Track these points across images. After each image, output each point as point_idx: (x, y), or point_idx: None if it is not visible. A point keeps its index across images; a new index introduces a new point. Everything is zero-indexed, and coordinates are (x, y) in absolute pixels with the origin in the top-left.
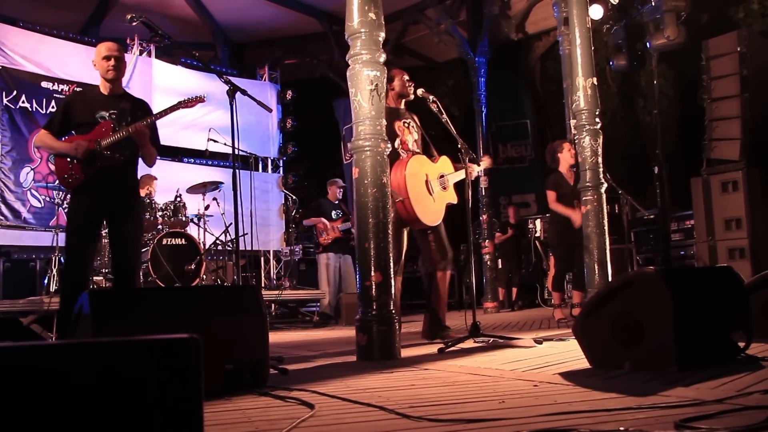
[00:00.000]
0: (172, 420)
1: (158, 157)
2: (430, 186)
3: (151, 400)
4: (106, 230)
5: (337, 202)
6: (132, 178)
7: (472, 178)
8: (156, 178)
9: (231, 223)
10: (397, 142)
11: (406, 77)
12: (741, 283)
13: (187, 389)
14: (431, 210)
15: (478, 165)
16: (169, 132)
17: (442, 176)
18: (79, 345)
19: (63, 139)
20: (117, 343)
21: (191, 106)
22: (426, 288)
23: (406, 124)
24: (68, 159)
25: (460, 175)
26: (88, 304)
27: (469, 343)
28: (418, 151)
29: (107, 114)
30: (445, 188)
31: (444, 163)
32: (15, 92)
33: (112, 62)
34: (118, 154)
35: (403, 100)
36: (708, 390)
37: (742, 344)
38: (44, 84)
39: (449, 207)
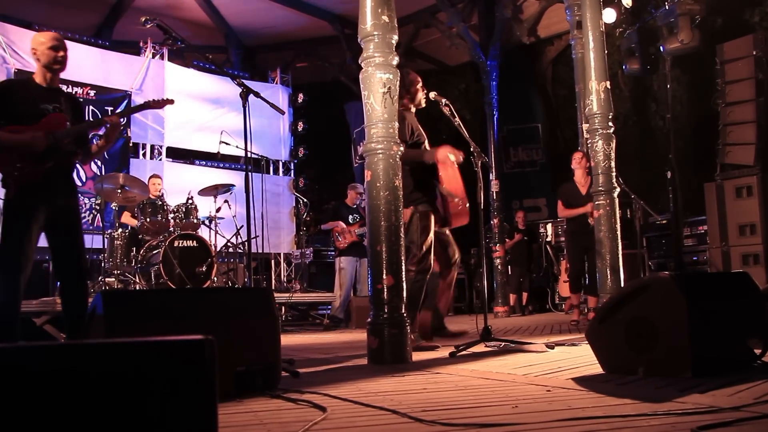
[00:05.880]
0: (187, 421)
1: (172, 159)
2: None
3: (166, 401)
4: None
5: (355, 206)
6: (73, 178)
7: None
8: (161, 177)
9: (242, 226)
10: (426, 144)
11: (422, 87)
12: (757, 289)
13: (201, 390)
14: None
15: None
16: (182, 134)
17: None
18: (94, 346)
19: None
20: (132, 344)
21: (160, 107)
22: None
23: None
24: (14, 152)
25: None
26: (101, 305)
27: (480, 348)
28: None
29: (51, 107)
30: None
31: None
32: None
33: (61, 53)
34: (77, 149)
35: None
36: (724, 397)
37: (758, 351)
38: None
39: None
